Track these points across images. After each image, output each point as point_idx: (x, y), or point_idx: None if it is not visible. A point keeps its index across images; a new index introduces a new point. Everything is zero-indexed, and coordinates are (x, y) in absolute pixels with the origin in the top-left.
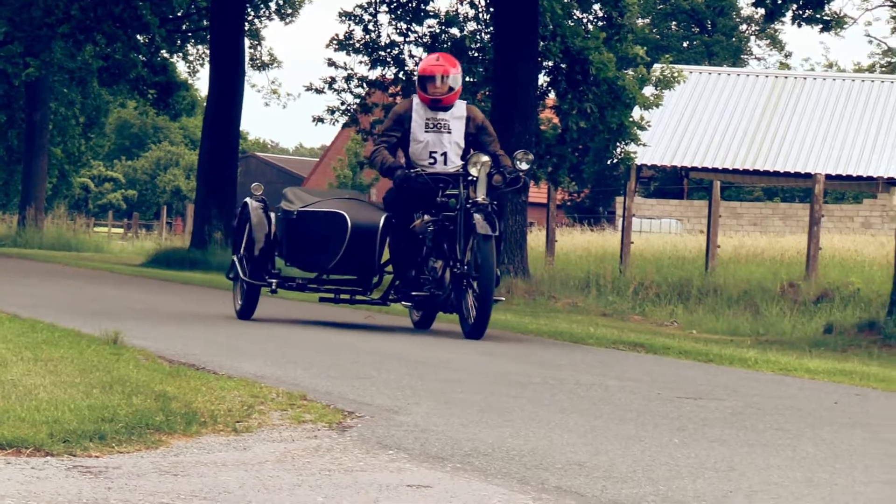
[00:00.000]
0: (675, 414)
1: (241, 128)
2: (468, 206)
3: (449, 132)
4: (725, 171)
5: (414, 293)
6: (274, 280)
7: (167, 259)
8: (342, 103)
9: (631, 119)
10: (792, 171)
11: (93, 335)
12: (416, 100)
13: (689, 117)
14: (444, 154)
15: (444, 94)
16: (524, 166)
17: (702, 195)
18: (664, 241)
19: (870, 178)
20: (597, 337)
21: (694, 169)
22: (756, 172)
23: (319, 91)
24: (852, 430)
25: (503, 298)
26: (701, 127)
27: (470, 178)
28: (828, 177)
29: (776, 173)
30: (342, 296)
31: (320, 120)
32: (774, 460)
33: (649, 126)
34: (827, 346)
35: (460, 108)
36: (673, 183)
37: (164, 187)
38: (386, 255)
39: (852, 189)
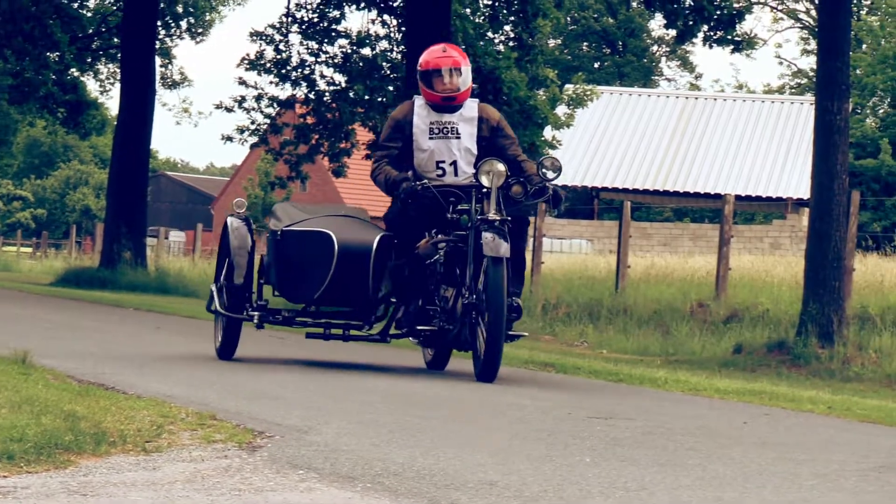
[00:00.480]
0: (585, 433)
1: (152, 146)
2: (478, 223)
3: (458, 137)
4: (636, 191)
5: (420, 327)
6: (256, 312)
7: (77, 278)
8: (252, 122)
9: (542, 138)
10: (702, 192)
11: (1, 355)
12: (417, 101)
13: (599, 138)
14: (454, 163)
15: (455, 91)
16: (551, 175)
17: (612, 215)
18: (574, 261)
19: (779, 199)
20: (507, 357)
21: (605, 189)
22: (666, 193)
23: (230, 110)
24: (762, 449)
25: (526, 334)
26: (612, 147)
27: (484, 189)
28: (738, 197)
29: (686, 194)
30: (333, 331)
31: (229, 139)
32: (685, 480)
33: (560, 145)
34: (736, 365)
35: (470, 107)
36: (583, 203)
37: (74, 206)
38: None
39: (762, 210)
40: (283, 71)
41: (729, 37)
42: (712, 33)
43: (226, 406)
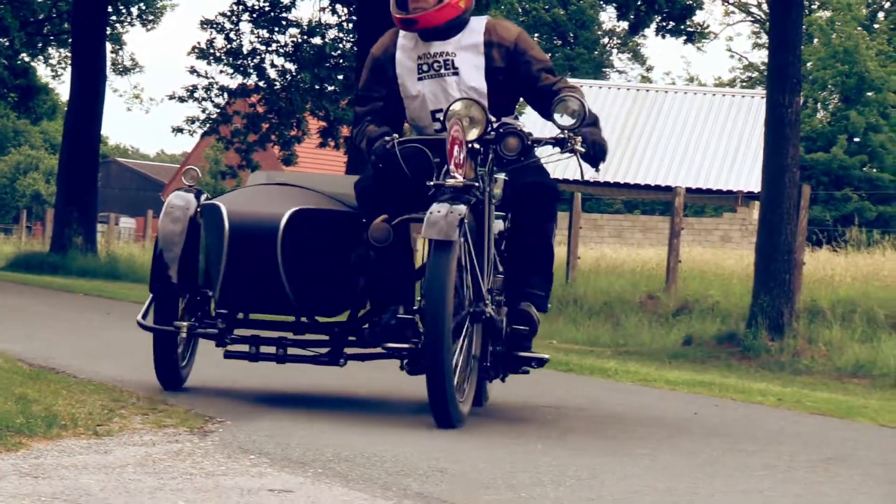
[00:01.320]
0: (537, 422)
1: (102, 132)
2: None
3: (455, 72)
4: (586, 182)
5: (391, 345)
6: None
7: (27, 263)
8: (203, 111)
9: None
10: (653, 185)
11: None
12: (401, 31)
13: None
14: None
15: (433, 5)
16: (566, 122)
17: (563, 207)
18: None
19: (729, 192)
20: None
21: (555, 180)
22: (617, 185)
23: (182, 100)
24: (711, 440)
25: (546, 357)
26: None
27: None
28: (688, 190)
29: (637, 186)
30: (261, 348)
31: (180, 130)
32: (635, 469)
33: None
34: (686, 357)
35: (473, 29)
36: None
37: (24, 191)
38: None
39: (712, 202)
40: (235, 60)
41: (681, 27)
42: (665, 24)
43: (176, 392)
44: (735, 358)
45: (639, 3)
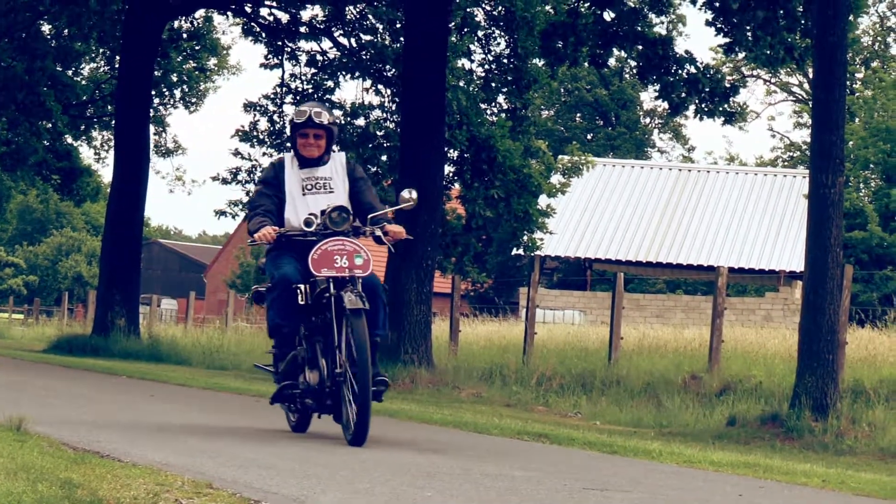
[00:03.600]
0: None
1: (145, 214)
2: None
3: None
4: (629, 262)
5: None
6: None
7: (69, 345)
8: (247, 194)
9: (537, 207)
10: (695, 264)
11: None
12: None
13: (592, 209)
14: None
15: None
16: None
17: (605, 287)
18: (567, 332)
19: (772, 272)
20: (501, 427)
21: (597, 260)
22: (659, 265)
23: (226, 182)
24: None
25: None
26: (605, 219)
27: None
28: (731, 270)
29: (679, 266)
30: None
31: (222, 213)
32: None
33: (555, 213)
34: (730, 438)
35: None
36: (576, 274)
37: (66, 273)
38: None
39: (754, 282)
40: (278, 141)
41: (721, 108)
42: (705, 106)
43: (222, 474)
44: (779, 438)
45: (681, 83)
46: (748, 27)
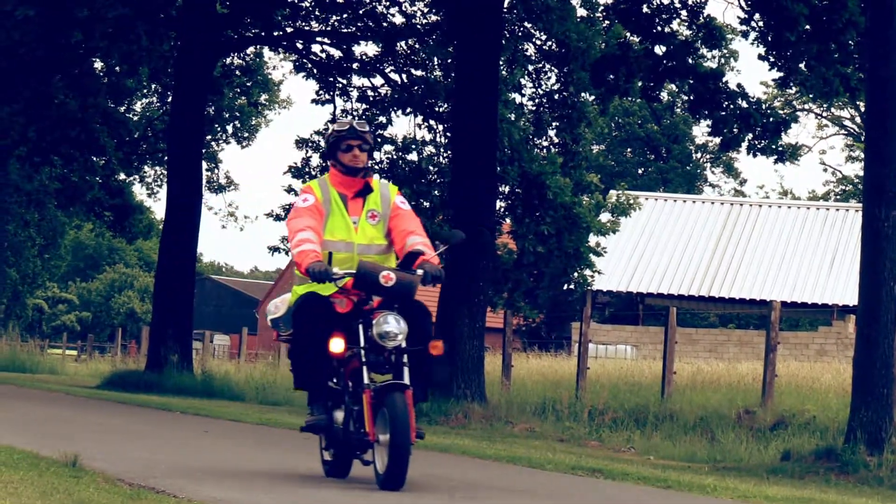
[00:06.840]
0: None
1: (197, 250)
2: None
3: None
4: (681, 297)
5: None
6: None
7: (122, 381)
8: None
9: (587, 244)
10: (747, 299)
11: (51, 457)
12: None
13: (644, 243)
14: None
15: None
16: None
17: (657, 321)
18: (619, 366)
19: (825, 306)
20: (555, 462)
21: (649, 295)
22: (711, 299)
23: (279, 218)
24: None
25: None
26: (657, 253)
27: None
28: (784, 304)
29: (731, 300)
30: None
31: (276, 249)
32: None
33: (605, 252)
34: (784, 472)
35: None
36: (628, 309)
37: (119, 309)
38: None
39: (807, 316)
40: None
41: (773, 146)
42: (757, 142)
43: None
44: (833, 473)
45: (733, 118)
46: (801, 60)
